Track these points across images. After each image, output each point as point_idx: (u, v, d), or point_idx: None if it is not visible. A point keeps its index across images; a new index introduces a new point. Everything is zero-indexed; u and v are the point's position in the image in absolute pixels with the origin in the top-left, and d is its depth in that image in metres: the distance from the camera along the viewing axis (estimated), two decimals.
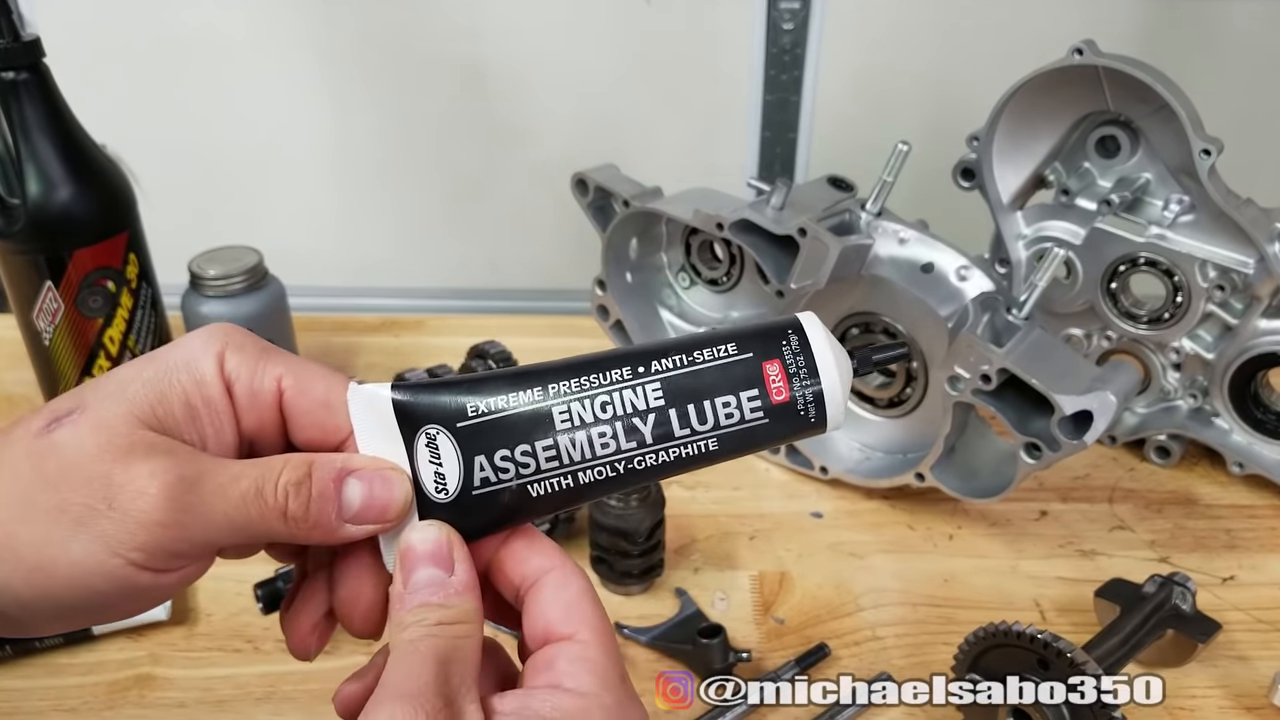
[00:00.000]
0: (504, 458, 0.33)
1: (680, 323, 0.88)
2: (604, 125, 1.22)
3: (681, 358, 0.34)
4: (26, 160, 0.71)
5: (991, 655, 0.54)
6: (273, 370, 0.34)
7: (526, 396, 0.34)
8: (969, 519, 0.76)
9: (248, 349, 0.34)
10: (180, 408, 0.33)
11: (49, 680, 0.60)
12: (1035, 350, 0.65)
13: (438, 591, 0.32)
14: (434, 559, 0.33)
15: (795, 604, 0.67)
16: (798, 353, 0.34)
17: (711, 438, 0.34)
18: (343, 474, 0.33)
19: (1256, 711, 0.59)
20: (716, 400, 0.33)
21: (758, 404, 0.33)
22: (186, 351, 0.34)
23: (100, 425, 0.31)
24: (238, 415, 0.34)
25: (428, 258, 1.33)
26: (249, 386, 0.34)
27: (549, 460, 0.33)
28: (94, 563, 0.30)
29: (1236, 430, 0.78)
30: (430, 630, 0.32)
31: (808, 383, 0.34)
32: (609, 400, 0.33)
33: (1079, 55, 0.71)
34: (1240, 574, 0.70)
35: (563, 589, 0.34)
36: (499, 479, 0.34)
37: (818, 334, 0.34)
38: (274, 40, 1.17)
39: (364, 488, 0.33)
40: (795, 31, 1.15)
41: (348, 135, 1.24)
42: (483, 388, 0.34)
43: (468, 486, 0.34)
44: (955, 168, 0.81)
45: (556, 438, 0.33)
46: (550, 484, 0.34)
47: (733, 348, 0.34)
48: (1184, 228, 0.75)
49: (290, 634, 0.36)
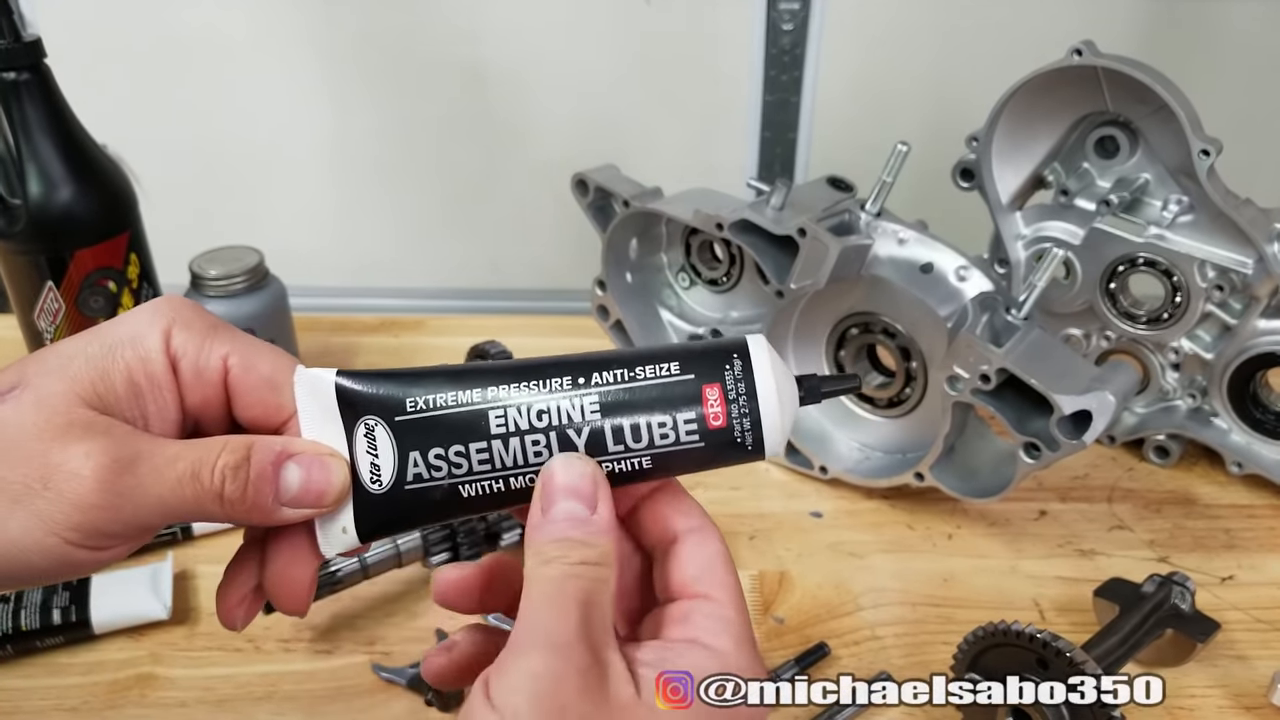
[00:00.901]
0: (438, 456, 0.34)
1: (680, 323, 0.88)
2: (604, 126, 1.23)
3: (623, 372, 0.34)
4: (28, 160, 0.71)
5: (990, 655, 0.55)
6: (219, 348, 0.34)
7: (465, 397, 0.34)
8: (968, 519, 0.76)
9: (195, 325, 0.34)
10: (123, 384, 0.32)
11: (50, 680, 0.60)
12: (1034, 350, 0.65)
13: (579, 527, 0.32)
14: (577, 494, 0.32)
15: (795, 603, 0.68)
16: (739, 378, 0.34)
17: (645, 456, 0.34)
18: (282, 457, 0.33)
19: (1255, 711, 0.59)
20: (652, 419, 0.33)
21: (693, 427, 0.33)
22: (132, 327, 0.33)
23: (40, 403, 0.31)
24: (182, 392, 0.34)
25: (428, 258, 1.33)
26: (195, 364, 0.34)
27: (481, 463, 0.33)
28: (30, 540, 0.30)
29: (1235, 430, 0.78)
30: (573, 569, 0.31)
31: (746, 410, 0.33)
32: (545, 409, 0.33)
33: (1078, 56, 0.71)
34: (1239, 574, 0.71)
35: (701, 548, 0.35)
36: (431, 477, 0.34)
37: (762, 360, 0.34)
38: (275, 41, 1.18)
39: (303, 472, 0.33)
40: (795, 32, 1.15)
41: (348, 135, 1.24)
42: (425, 382, 0.34)
43: (400, 480, 0.34)
44: (954, 168, 0.81)
45: (491, 442, 0.33)
46: (481, 486, 0.34)
47: (675, 367, 0.34)
48: (1183, 228, 0.75)
49: (220, 604, 0.36)
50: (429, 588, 0.67)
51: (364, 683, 0.60)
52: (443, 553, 0.65)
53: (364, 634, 0.64)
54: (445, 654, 0.36)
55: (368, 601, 0.66)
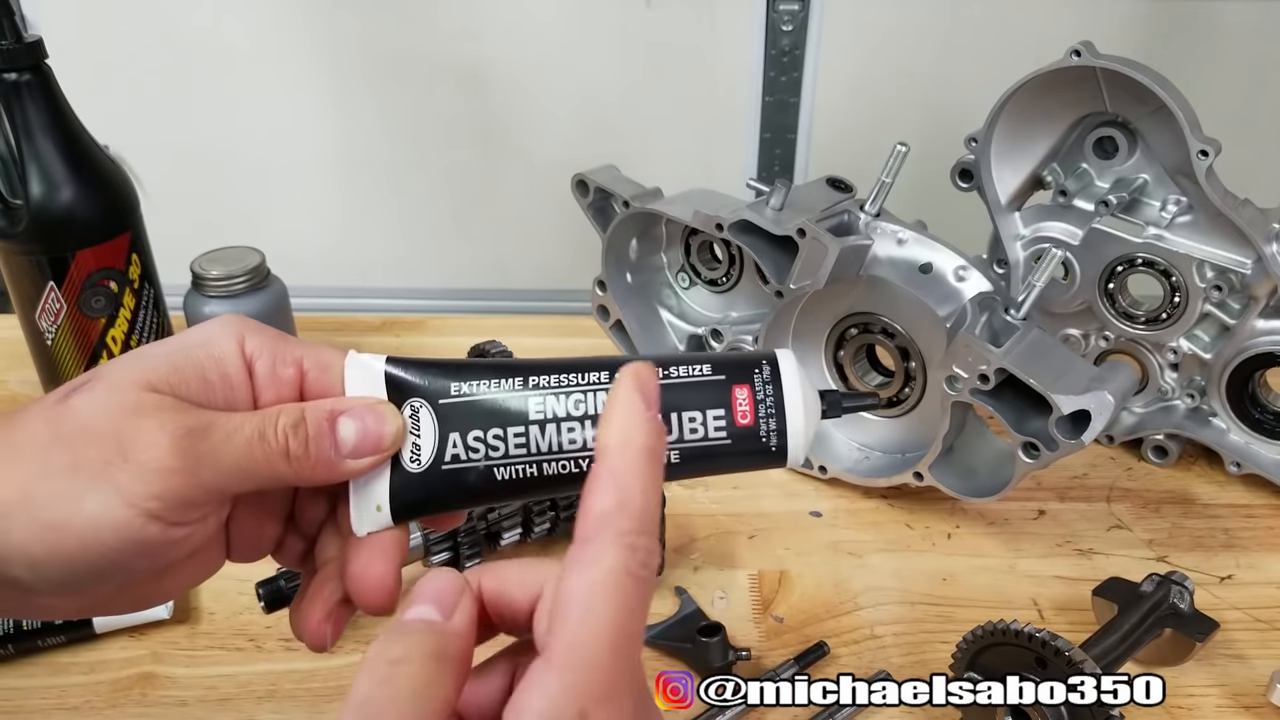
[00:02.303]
0: (476, 438, 0.35)
1: (680, 323, 0.88)
2: (604, 127, 1.23)
3: (658, 370, 0.35)
4: (29, 161, 0.71)
5: (989, 654, 0.55)
6: (294, 351, 0.36)
7: (507, 385, 0.35)
8: (967, 518, 0.76)
9: (267, 333, 0.36)
10: (195, 379, 0.34)
11: (52, 679, 0.60)
12: (1033, 350, 0.66)
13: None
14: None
15: (794, 602, 0.68)
16: (768, 382, 0.35)
17: (674, 450, 0.35)
18: (334, 414, 0.35)
19: (1254, 710, 0.60)
20: (683, 413, 0.35)
21: (722, 423, 0.35)
22: (207, 332, 0.36)
23: (113, 388, 0.33)
24: (257, 391, 0.36)
25: (429, 259, 1.33)
26: (270, 365, 0.36)
27: (518, 447, 0.35)
28: (108, 516, 0.31)
29: (1234, 430, 0.78)
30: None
31: (773, 411, 0.35)
32: (582, 399, 0.35)
33: (1077, 57, 0.71)
34: (1238, 573, 0.71)
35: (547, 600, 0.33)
36: (468, 458, 0.35)
37: (790, 370, 0.36)
38: (277, 43, 1.18)
39: (357, 423, 0.34)
40: (794, 33, 1.15)
41: (350, 137, 1.24)
42: (469, 372, 0.36)
43: (439, 460, 0.35)
44: (953, 169, 0.81)
45: (528, 427, 0.35)
46: (515, 470, 0.35)
47: (707, 369, 0.35)
48: (1182, 228, 0.75)
49: (303, 626, 0.37)
50: None
51: None
52: (443, 552, 0.65)
53: (365, 633, 0.64)
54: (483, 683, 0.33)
55: None
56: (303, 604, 0.37)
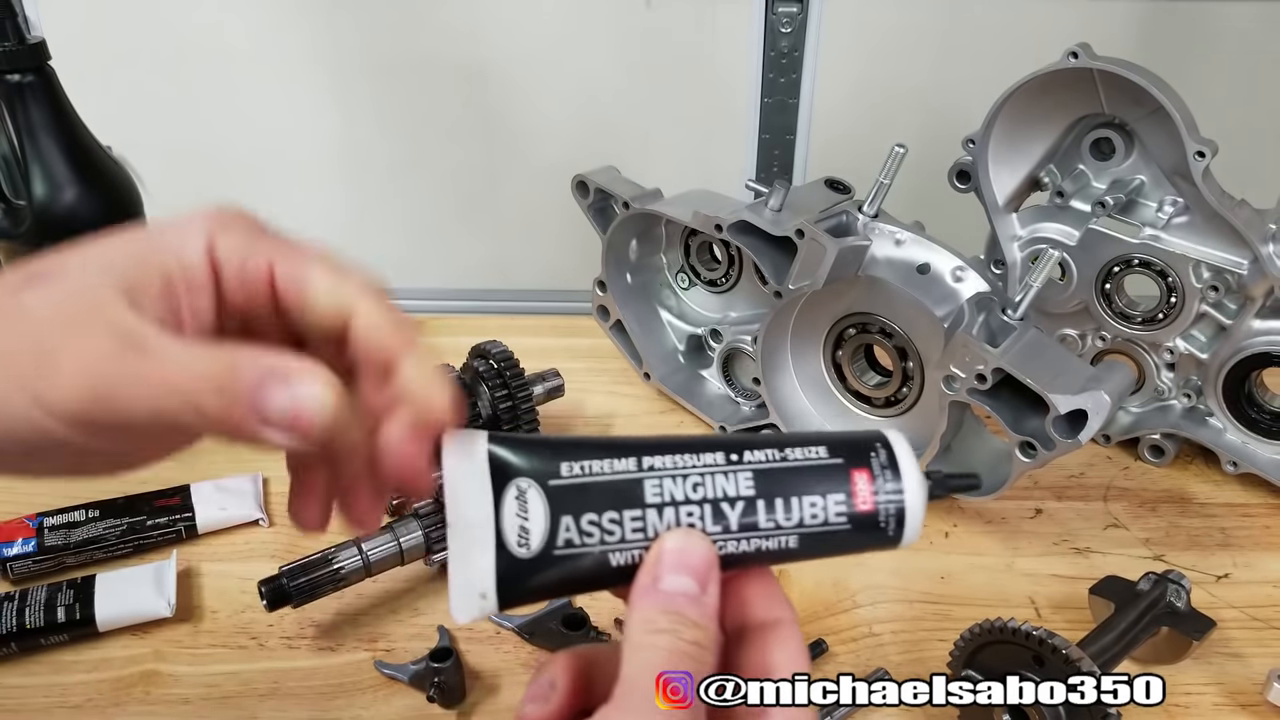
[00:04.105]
0: (591, 522, 0.33)
1: (679, 323, 0.89)
2: (604, 128, 1.23)
3: (773, 452, 0.34)
4: (32, 161, 0.71)
5: (987, 652, 0.55)
6: (263, 257, 0.34)
7: (621, 465, 0.34)
8: (965, 517, 0.76)
9: (239, 232, 0.34)
10: (158, 282, 0.33)
11: (54, 677, 0.61)
12: (1030, 350, 0.66)
13: (694, 606, 0.32)
14: (693, 570, 0.32)
15: (793, 601, 0.67)
16: (885, 466, 0.34)
17: (792, 535, 0.34)
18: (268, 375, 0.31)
19: (1251, 709, 0.60)
20: (805, 498, 0.34)
21: (842, 509, 0.34)
22: (178, 230, 0.34)
23: (69, 291, 0.32)
24: (224, 296, 0.34)
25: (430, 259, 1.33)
26: (239, 269, 0.34)
27: (634, 531, 0.33)
28: (27, 418, 0.30)
29: (1230, 430, 0.79)
30: (686, 647, 0.31)
31: (892, 496, 0.34)
32: (700, 481, 0.34)
33: (1074, 58, 0.72)
34: (1235, 572, 0.71)
35: (787, 643, 0.35)
36: (583, 543, 0.33)
37: (905, 454, 0.35)
38: (280, 44, 1.18)
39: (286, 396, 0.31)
40: (793, 35, 1.15)
41: (351, 138, 1.25)
42: (579, 451, 0.34)
43: (550, 544, 0.33)
44: (951, 170, 0.81)
45: (645, 510, 0.33)
46: (631, 555, 0.33)
47: (823, 450, 0.35)
48: (1178, 229, 0.75)
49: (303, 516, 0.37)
50: (431, 585, 0.68)
51: (367, 679, 0.61)
52: (444, 550, 0.66)
53: (367, 631, 0.64)
54: (544, 703, 0.34)
55: (371, 599, 0.66)
56: (298, 497, 0.37)
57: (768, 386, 0.81)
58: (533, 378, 0.79)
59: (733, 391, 0.87)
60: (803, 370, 0.81)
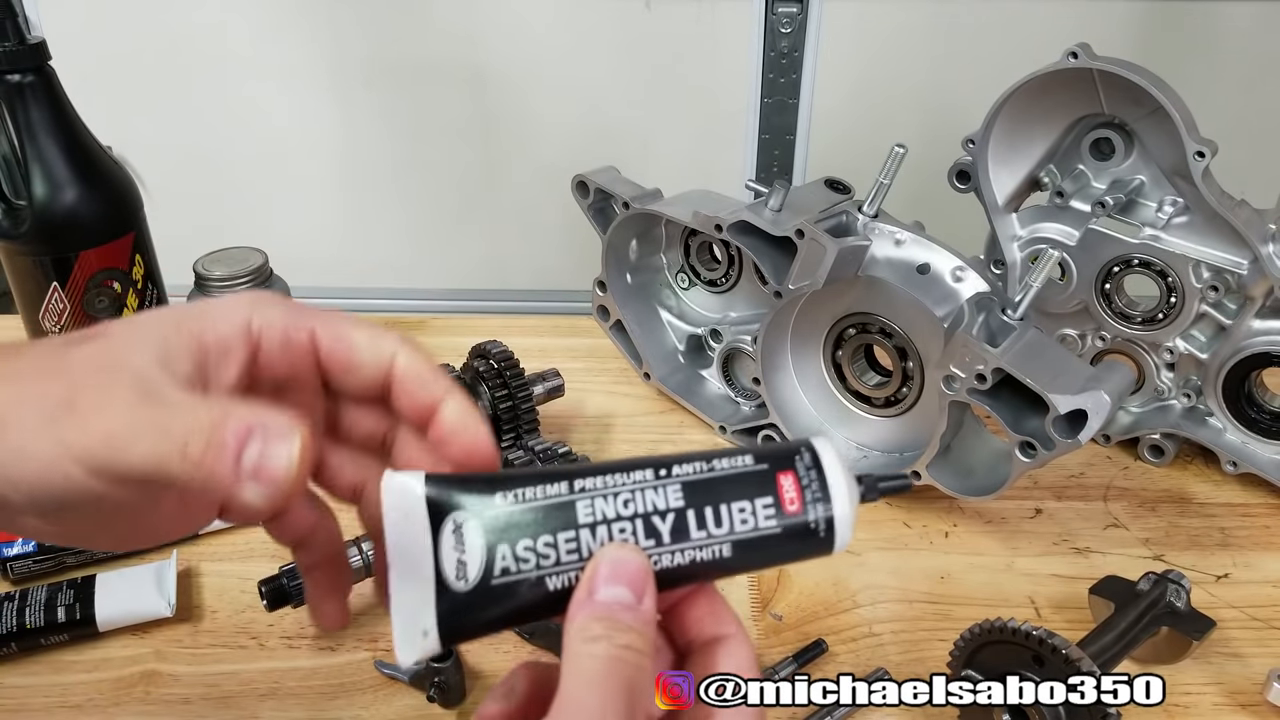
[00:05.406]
0: (526, 548, 0.34)
1: (679, 323, 0.89)
2: (604, 128, 1.23)
3: (701, 464, 0.35)
4: (32, 162, 0.72)
5: (986, 651, 0.55)
6: (305, 323, 0.37)
7: (554, 489, 0.34)
8: (964, 517, 0.77)
9: (276, 307, 0.37)
10: (192, 344, 0.35)
11: (54, 677, 0.61)
12: (1030, 350, 0.66)
13: (629, 613, 0.32)
14: (628, 581, 0.33)
15: (793, 601, 0.68)
16: (810, 467, 0.35)
17: (725, 544, 0.34)
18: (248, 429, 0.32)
19: (1250, 709, 0.60)
20: (733, 505, 0.34)
21: (771, 513, 0.34)
22: (220, 303, 0.36)
23: (108, 350, 0.34)
24: (266, 368, 0.36)
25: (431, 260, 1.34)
26: (282, 338, 0.36)
27: (569, 553, 0.34)
28: (56, 461, 0.31)
29: (1230, 429, 0.79)
30: (620, 652, 0.32)
31: (819, 496, 0.35)
32: (630, 498, 0.34)
33: (1074, 58, 0.72)
34: (1234, 572, 0.71)
35: (735, 655, 0.36)
36: (519, 569, 0.34)
37: (830, 456, 0.35)
38: (281, 44, 1.18)
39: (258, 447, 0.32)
40: (793, 35, 1.15)
41: (352, 139, 1.25)
42: (513, 481, 0.35)
43: (488, 575, 0.33)
44: (951, 170, 0.81)
45: (579, 530, 0.34)
46: (568, 577, 0.34)
47: (749, 459, 0.35)
48: (1178, 229, 0.75)
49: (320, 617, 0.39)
50: None
51: (367, 679, 0.61)
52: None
53: (367, 630, 0.64)
54: (504, 701, 0.36)
55: (371, 599, 0.66)
56: (313, 598, 0.38)
57: (768, 386, 0.81)
58: (533, 378, 0.79)
59: (733, 391, 0.87)
60: (803, 370, 0.81)
